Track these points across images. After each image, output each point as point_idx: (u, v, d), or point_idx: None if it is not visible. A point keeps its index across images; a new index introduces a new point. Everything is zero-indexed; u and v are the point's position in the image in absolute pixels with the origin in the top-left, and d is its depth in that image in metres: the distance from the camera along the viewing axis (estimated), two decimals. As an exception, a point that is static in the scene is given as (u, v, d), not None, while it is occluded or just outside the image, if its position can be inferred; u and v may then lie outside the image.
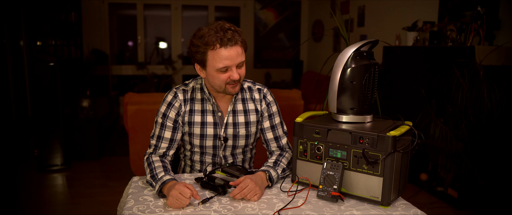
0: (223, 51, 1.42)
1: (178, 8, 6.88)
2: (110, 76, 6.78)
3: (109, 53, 6.74)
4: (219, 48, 1.42)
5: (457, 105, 2.76)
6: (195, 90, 1.61)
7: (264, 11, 7.19)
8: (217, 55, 1.43)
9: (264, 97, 1.65)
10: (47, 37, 6.26)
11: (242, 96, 1.63)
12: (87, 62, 6.33)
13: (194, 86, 1.62)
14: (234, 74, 1.46)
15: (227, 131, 1.61)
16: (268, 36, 7.28)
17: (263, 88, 1.66)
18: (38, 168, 3.72)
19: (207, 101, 1.59)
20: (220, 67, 1.44)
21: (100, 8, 6.58)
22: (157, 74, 6.86)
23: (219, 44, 1.41)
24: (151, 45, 7.21)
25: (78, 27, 6.28)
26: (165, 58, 7.19)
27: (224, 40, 1.40)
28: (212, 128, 1.59)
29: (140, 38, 6.94)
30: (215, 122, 1.59)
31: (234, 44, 1.43)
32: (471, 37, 2.99)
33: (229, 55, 1.42)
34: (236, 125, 1.61)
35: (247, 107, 1.63)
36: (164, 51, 7.29)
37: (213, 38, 1.41)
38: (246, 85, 1.66)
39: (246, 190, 1.34)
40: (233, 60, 1.44)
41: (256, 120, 1.65)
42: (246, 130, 1.63)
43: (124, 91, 6.45)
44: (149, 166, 1.49)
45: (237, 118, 1.61)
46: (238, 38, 1.43)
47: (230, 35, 1.41)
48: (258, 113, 1.64)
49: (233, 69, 1.46)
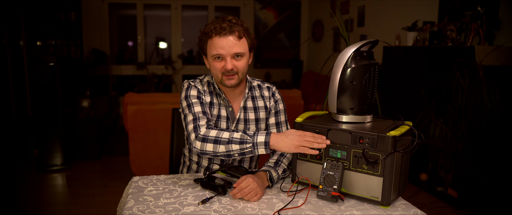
0: (217, 39, 1.47)
1: (178, 8, 6.88)
2: (110, 76, 6.78)
3: (109, 53, 6.74)
4: (215, 36, 1.47)
5: (457, 106, 2.76)
6: (210, 84, 1.63)
7: (264, 11, 7.19)
8: (212, 43, 1.49)
9: (273, 95, 1.70)
10: (47, 37, 6.26)
11: (252, 94, 1.67)
12: (87, 62, 6.33)
13: (209, 80, 1.64)
14: (227, 64, 1.48)
15: (238, 126, 1.63)
16: (268, 36, 7.28)
17: (272, 87, 1.71)
18: (38, 168, 3.72)
19: (219, 97, 1.62)
20: (213, 54, 1.49)
21: (100, 8, 6.58)
22: (157, 74, 6.86)
23: (214, 33, 1.47)
24: (151, 45, 7.21)
25: (78, 27, 6.28)
26: (165, 58, 7.19)
27: (218, 29, 1.46)
28: (225, 122, 1.61)
29: (140, 38, 6.94)
30: (227, 117, 1.62)
31: (229, 34, 1.46)
32: (471, 37, 2.99)
33: (222, 44, 1.46)
34: (247, 121, 1.64)
35: (257, 104, 1.67)
36: (164, 51, 7.29)
37: (211, 27, 1.47)
38: (256, 83, 1.70)
39: (247, 189, 1.34)
40: (227, 50, 1.47)
41: (265, 117, 1.69)
42: (256, 127, 1.66)
43: (124, 91, 6.45)
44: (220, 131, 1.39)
45: (247, 115, 1.64)
46: (235, 29, 1.47)
47: (225, 25, 1.45)
48: (267, 109, 1.69)
49: (227, 59, 1.48)
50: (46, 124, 3.69)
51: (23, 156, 4.20)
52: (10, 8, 5.45)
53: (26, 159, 4.09)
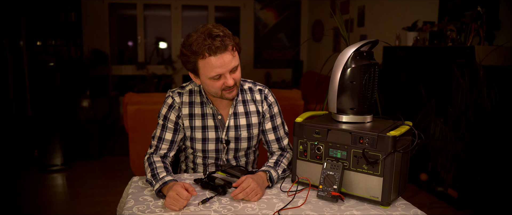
0: (213, 59, 1.36)
1: (178, 8, 6.89)
2: (110, 76, 6.78)
3: (109, 53, 6.73)
4: (209, 57, 1.36)
5: (457, 105, 2.76)
6: (194, 93, 1.58)
7: (264, 11, 7.19)
8: (208, 64, 1.38)
9: (266, 98, 1.62)
10: (47, 37, 6.26)
11: (243, 98, 1.61)
12: (87, 62, 6.33)
13: (193, 88, 1.58)
14: (228, 80, 1.41)
15: (229, 134, 1.59)
16: (268, 36, 7.28)
17: (264, 89, 1.63)
18: (38, 168, 3.72)
19: (207, 105, 1.57)
20: (213, 76, 1.40)
21: (100, 8, 6.58)
22: (157, 74, 6.86)
23: (208, 53, 1.36)
24: (151, 45, 7.21)
25: (78, 27, 6.28)
26: (165, 58, 7.19)
27: (212, 49, 1.34)
28: (213, 132, 1.57)
29: (140, 38, 6.94)
30: (216, 125, 1.57)
31: (224, 51, 1.37)
32: (471, 37, 2.99)
33: (220, 63, 1.37)
34: (238, 128, 1.59)
35: (248, 109, 1.61)
36: (164, 51, 7.29)
37: (202, 47, 1.35)
38: (247, 86, 1.63)
39: (248, 189, 1.33)
40: (225, 67, 1.39)
41: (258, 122, 1.62)
42: (248, 132, 1.61)
43: (124, 91, 6.45)
44: (150, 165, 1.48)
45: (238, 120, 1.59)
46: (228, 43, 1.38)
47: (218, 43, 1.35)
48: (260, 114, 1.62)
49: (226, 75, 1.41)
50: (46, 124, 3.69)
51: (23, 156, 4.20)
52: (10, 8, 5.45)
53: (26, 159, 4.09)
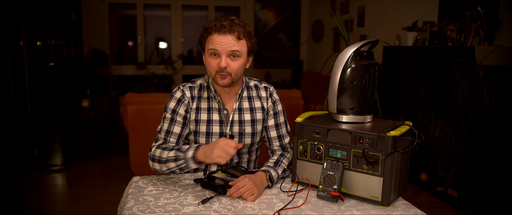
0: (216, 36, 1.47)
1: (178, 8, 6.89)
2: (110, 76, 6.78)
3: (109, 53, 6.74)
4: (214, 33, 1.47)
5: (457, 106, 2.76)
6: (202, 88, 1.62)
7: (264, 11, 7.19)
8: (211, 39, 1.49)
9: (271, 95, 1.67)
10: (47, 37, 6.26)
11: (248, 94, 1.65)
12: (87, 62, 6.33)
13: (202, 83, 1.63)
14: (221, 61, 1.47)
15: (233, 128, 1.61)
16: (268, 36, 7.28)
17: (269, 87, 1.69)
18: (38, 168, 3.72)
19: (213, 99, 1.60)
20: (209, 49, 1.48)
21: (100, 8, 6.58)
22: (157, 74, 6.86)
23: (214, 30, 1.47)
24: (151, 45, 7.21)
25: (78, 27, 6.28)
26: (165, 58, 7.19)
27: (218, 26, 1.46)
28: (218, 126, 1.60)
29: (140, 38, 6.94)
30: (221, 120, 1.60)
31: (229, 32, 1.46)
32: (471, 37, 2.99)
33: (219, 40, 1.46)
34: (242, 123, 1.62)
35: (253, 105, 1.64)
36: (164, 51, 7.29)
37: (212, 24, 1.48)
38: (252, 83, 1.68)
39: (243, 188, 1.34)
40: (223, 47, 1.46)
41: (262, 118, 1.66)
42: (252, 128, 1.64)
43: (124, 91, 6.45)
44: (165, 149, 1.49)
45: (243, 116, 1.62)
46: (235, 29, 1.46)
47: (226, 23, 1.46)
48: (264, 110, 1.66)
49: (222, 57, 1.47)
50: (46, 124, 3.69)
51: (23, 156, 4.20)
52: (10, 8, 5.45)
53: (26, 159, 4.09)
